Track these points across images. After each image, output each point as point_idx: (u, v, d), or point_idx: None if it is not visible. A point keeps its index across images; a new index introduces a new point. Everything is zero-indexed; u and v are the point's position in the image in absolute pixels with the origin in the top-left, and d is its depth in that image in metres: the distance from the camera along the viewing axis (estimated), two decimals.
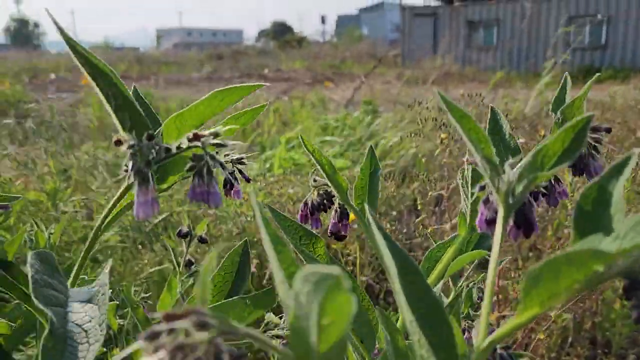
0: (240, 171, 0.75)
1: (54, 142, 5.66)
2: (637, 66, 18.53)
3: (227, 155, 0.74)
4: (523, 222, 0.56)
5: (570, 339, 2.01)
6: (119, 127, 0.57)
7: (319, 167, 0.72)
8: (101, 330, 0.49)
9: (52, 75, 18.31)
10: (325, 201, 0.77)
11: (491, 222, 0.58)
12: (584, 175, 0.69)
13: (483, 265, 0.97)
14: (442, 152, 2.89)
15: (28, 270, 0.52)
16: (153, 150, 0.55)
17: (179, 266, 1.25)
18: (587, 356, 2.05)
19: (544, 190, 0.73)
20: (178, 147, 0.58)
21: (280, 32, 53.70)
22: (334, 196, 0.77)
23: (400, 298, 0.43)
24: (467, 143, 0.53)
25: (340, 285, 0.29)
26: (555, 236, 2.27)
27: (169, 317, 0.31)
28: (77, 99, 11.26)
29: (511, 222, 0.56)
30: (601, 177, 0.47)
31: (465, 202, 0.73)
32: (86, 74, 0.56)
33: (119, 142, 0.54)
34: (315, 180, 0.77)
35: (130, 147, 0.54)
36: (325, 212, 0.77)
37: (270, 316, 0.75)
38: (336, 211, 0.78)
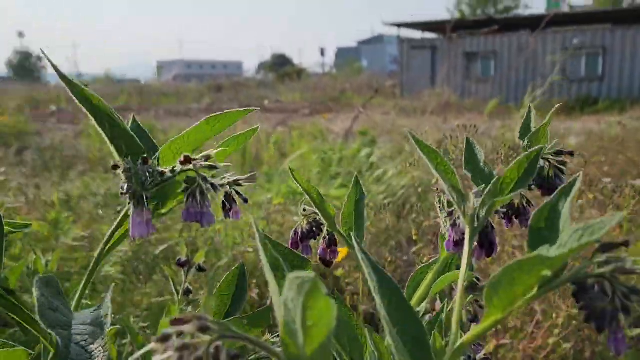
0: (237, 192, 0.77)
1: (55, 173, 5.71)
2: (633, 97, 18.77)
3: (224, 178, 0.77)
4: (485, 243, 0.61)
5: None
6: (115, 154, 0.60)
7: (307, 196, 0.75)
8: (104, 352, 0.51)
9: (53, 107, 18.50)
10: (314, 229, 0.79)
11: (458, 244, 0.64)
12: (549, 194, 0.73)
13: (473, 287, 0.99)
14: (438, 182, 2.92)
15: (34, 293, 0.54)
16: (147, 174, 0.57)
17: (178, 294, 1.27)
18: None
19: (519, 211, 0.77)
20: (172, 171, 0.60)
21: (280, 65, 54.49)
22: (322, 224, 0.79)
23: (381, 311, 0.46)
24: (436, 174, 0.58)
25: (318, 288, 0.32)
26: None
27: (176, 322, 0.34)
28: (77, 130, 11.39)
29: (475, 243, 0.61)
30: (552, 198, 0.52)
31: (443, 226, 0.76)
32: (81, 107, 0.59)
33: (115, 167, 0.57)
34: (304, 210, 0.80)
35: (126, 170, 0.56)
36: (315, 239, 0.79)
37: (267, 336, 0.77)
38: (324, 238, 0.80)
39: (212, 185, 0.60)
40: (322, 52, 59.98)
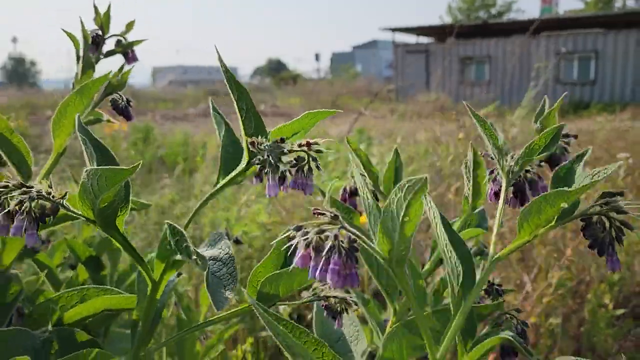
0: (314, 160, 0.93)
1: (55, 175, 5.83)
2: (624, 101, 19.05)
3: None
4: (519, 194, 0.75)
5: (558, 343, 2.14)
6: (243, 132, 0.76)
7: (356, 158, 0.89)
8: (235, 271, 0.67)
9: (50, 112, 18.63)
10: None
11: (497, 195, 0.77)
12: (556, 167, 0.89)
13: (479, 252, 1.14)
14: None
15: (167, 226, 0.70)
16: (280, 150, 0.73)
17: None
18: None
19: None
20: (290, 150, 0.76)
21: (275, 69, 54.81)
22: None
23: (439, 235, 0.61)
24: (484, 137, 0.73)
25: (425, 187, 0.47)
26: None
27: (317, 211, 0.49)
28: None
29: (510, 194, 0.76)
30: (567, 162, 0.67)
31: (467, 186, 0.90)
32: (233, 93, 0.75)
33: (253, 144, 0.72)
34: (352, 174, 0.94)
35: (260, 145, 0.72)
36: (358, 196, 0.94)
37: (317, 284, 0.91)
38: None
39: (317, 166, 0.76)
40: (317, 57, 60.34)
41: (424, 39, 26.46)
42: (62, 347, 0.73)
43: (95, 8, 1.03)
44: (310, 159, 0.75)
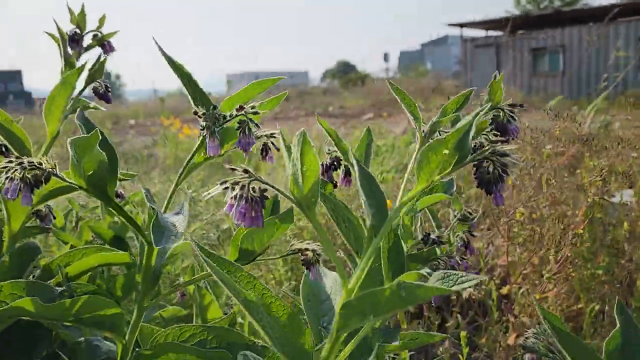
0: (272, 143, 1.13)
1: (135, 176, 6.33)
2: None
3: (263, 131, 1.12)
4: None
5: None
6: (192, 103, 0.96)
7: (330, 137, 1.09)
8: (182, 229, 0.87)
9: (132, 121, 19.81)
10: (334, 163, 1.12)
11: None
12: (507, 135, 1.02)
13: (464, 219, 1.28)
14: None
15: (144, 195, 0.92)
16: (217, 116, 0.93)
17: None
18: None
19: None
20: (231, 115, 0.96)
21: (344, 71, 55.12)
22: (341, 160, 1.12)
23: (360, 189, 0.78)
24: (403, 106, 0.89)
25: (308, 141, 0.65)
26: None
27: (232, 168, 0.68)
28: (153, 140, 12.32)
29: None
30: (456, 114, 0.82)
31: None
32: (175, 74, 0.96)
33: (196, 112, 0.93)
34: (328, 149, 1.13)
35: (204, 114, 0.93)
36: (336, 171, 1.12)
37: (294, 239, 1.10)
38: (342, 170, 1.13)
39: (256, 124, 0.96)
40: (386, 57, 60.03)
41: (493, 33, 25.75)
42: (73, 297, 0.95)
43: (70, 10, 1.22)
44: (248, 120, 0.94)
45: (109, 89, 1.31)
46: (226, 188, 0.69)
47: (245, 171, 0.69)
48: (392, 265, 0.88)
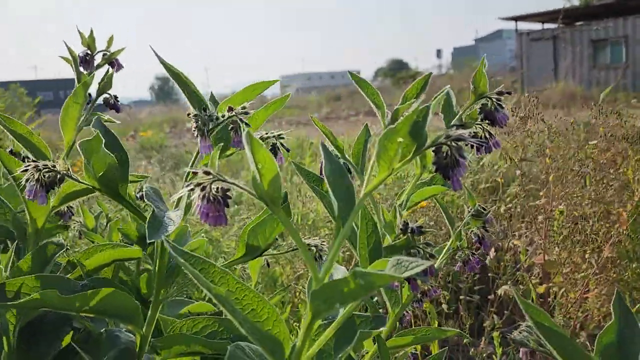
0: (281, 144, 1.15)
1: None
2: None
3: (272, 132, 1.16)
4: None
5: None
6: (191, 106, 1.00)
7: (324, 135, 1.10)
8: (178, 222, 0.91)
9: (188, 125, 20.43)
10: None
11: None
12: (496, 124, 1.01)
13: (477, 214, 1.26)
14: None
15: (144, 189, 0.97)
16: (207, 117, 0.97)
17: None
18: None
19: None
20: (222, 116, 0.99)
21: (396, 69, 54.68)
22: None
23: (327, 180, 0.80)
24: (365, 96, 0.90)
25: (257, 142, 0.66)
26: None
27: (194, 172, 0.72)
28: None
29: None
30: (426, 105, 0.82)
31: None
32: (170, 76, 1.00)
33: (189, 114, 0.97)
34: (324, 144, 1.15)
35: (195, 115, 0.96)
36: None
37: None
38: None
39: (246, 124, 0.98)
40: (439, 54, 59.15)
41: (549, 25, 24.87)
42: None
43: (81, 33, 1.31)
44: (239, 120, 0.97)
45: (118, 100, 1.39)
46: (191, 190, 0.72)
47: (206, 173, 0.71)
48: (370, 255, 0.89)
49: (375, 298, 1.24)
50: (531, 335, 0.70)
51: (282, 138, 1.17)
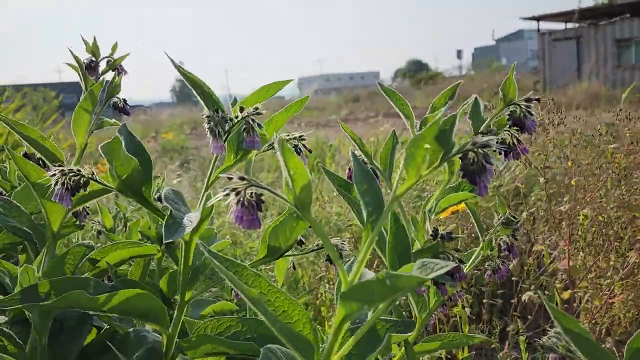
0: (303, 145, 1.17)
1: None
2: None
3: (292, 134, 1.17)
4: None
5: None
6: (205, 108, 1.02)
7: (354, 142, 1.11)
8: (195, 222, 0.93)
9: (206, 125, 20.56)
10: None
11: None
12: (525, 131, 1.01)
13: (507, 223, 1.26)
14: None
15: (163, 194, 0.99)
16: (221, 118, 0.98)
17: None
18: None
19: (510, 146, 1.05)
20: (236, 117, 1.00)
21: (416, 70, 54.46)
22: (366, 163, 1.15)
23: (356, 178, 0.81)
24: (395, 107, 0.90)
25: (289, 149, 0.68)
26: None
27: (229, 177, 0.73)
28: None
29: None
30: (453, 114, 0.82)
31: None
32: (192, 89, 1.02)
33: (203, 115, 0.98)
34: (353, 153, 1.16)
35: (208, 116, 0.98)
36: None
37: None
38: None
39: (259, 125, 1.00)
40: (459, 54, 58.72)
41: (571, 25, 24.53)
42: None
43: (85, 41, 1.34)
44: (251, 120, 0.98)
45: (127, 103, 1.41)
46: (227, 195, 0.73)
47: (242, 178, 0.73)
48: (399, 260, 0.90)
49: (398, 301, 1.25)
50: (560, 341, 0.70)
51: (304, 139, 1.18)
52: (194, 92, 1.02)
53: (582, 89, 18.82)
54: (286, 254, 1.16)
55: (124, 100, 1.44)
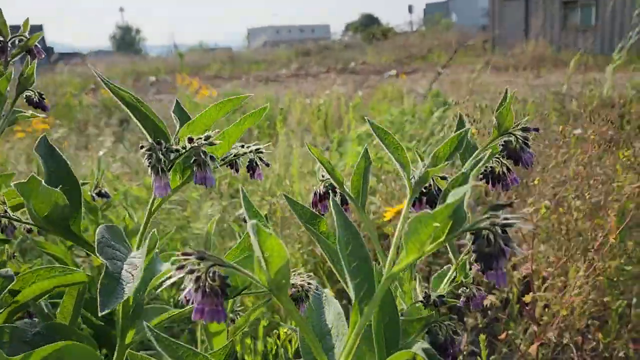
0: (260, 158, 1.01)
1: None
2: None
3: (249, 147, 1.01)
4: (432, 202, 0.78)
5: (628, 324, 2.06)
6: (147, 135, 0.84)
7: (321, 165, 0.96)
8: (140, 273, 0.76)
9: (152, 78, 19.69)
10: (329, 191, 1.00)
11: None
12: (520, 165, 0.88)
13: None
14: None
15: (95, 235, 0.81)
16: (163, 152, 0.81)
17: None
18: None
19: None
20: (183, 148, 0.83)
21: (367, 25, 53.73)
22: (336, 187, 1.00)
23: (339, 244, 0.67)
24: (386, 150, 0.76)
25: (264, 231, 0.53)
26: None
27: (185, 254, 0.57)
28: (173, 100, 12.16)
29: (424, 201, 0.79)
30: (464, 172, 0.69)
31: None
32: (122, 105, 0.84)
33: (142, 147, 0.81)
34: (322, 176, 1.01)
35: (147, 150, 0.80)
36: (328, 199, 1.00)
37: None
38: (337, 198, 1.00)
39: (211, 157, 0.83)
40: (410, 9, 58.31)
41: None
42: (47, 340, 0.87)
43: None
44: (202, 154, 0.82)
45: (43, 97, 1.22)
46: (183, 274, 0.58)
47: (200, 257, 0.58)
48: (386, 334, 0.77)
49: None
50: None
51: (261, 152, 1.03)
52: (130, 114, 0.84)
53: (530, 49, 19.12)
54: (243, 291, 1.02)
55: (40, 94, 1.23)
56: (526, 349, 1.83)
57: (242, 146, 1.04)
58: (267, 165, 1.02)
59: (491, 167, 0.96)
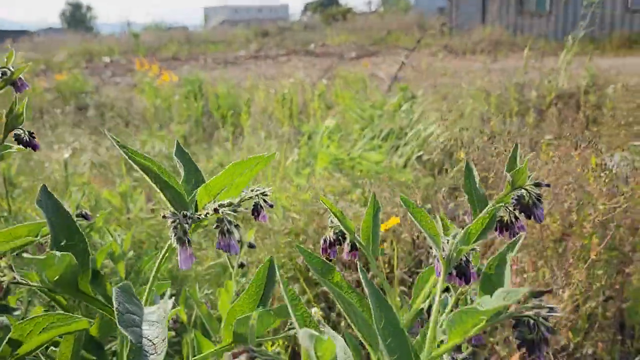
0: (264, 200, 1.00)
1: (113, 132, 6.09)
2: None
3: (253, 190, 1.00)
4: (460, 275, 0.79)
5: (597, 324, 2.16)
6: (168, 205, 0.82)
7: (333, 215, 0.96)
8: (163, 343, 0.74)
9: (107, 59, 19.02)
10: (340, 238, 1.01)
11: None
12: (532, 218, 0.91)
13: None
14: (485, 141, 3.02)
15: (114, 303, 0.78)
16: (188, 223, 0.79)
17: (233, 268, 1.53)
18: (613, 340, 2.20)
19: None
20: (205, 215, 0.82)
21: (326, 5, 53.33)
22: (345, 234, 1.01)
23: (376, 324, 0.67)
24: (420, 228, 0.76)
25: (321, 338, 0.53)
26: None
27: (235, 355, 0.56)
28: (131, 83, 11.78)
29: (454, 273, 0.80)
30: (500, 254, 0.70)
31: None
32: (140, 171, 0.81)
33: (164, 217, 0.79)
34: (332, 222, 1.01)
35: (173, 222, 0.79)
36: (340, 245, 1.01)
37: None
38: (348, 245, 1.01)
39: (236, 226, 0.82)
40: None
41: None
42: None
43: None
44: (227, 222, 0.81)
45: (33, 135, 1.16)
46: None
47: (249, 350, 0.57)
48: None
49: None
50: None
51: (266, 195, 1.02)
52: (149, 181, 0.81)
53: (486, 33, 19.44)
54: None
55: (30, 133, 1.17)
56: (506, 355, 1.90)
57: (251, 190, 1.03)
58: (271, 206, 1.01)
59: (500, 216, 0.98)
